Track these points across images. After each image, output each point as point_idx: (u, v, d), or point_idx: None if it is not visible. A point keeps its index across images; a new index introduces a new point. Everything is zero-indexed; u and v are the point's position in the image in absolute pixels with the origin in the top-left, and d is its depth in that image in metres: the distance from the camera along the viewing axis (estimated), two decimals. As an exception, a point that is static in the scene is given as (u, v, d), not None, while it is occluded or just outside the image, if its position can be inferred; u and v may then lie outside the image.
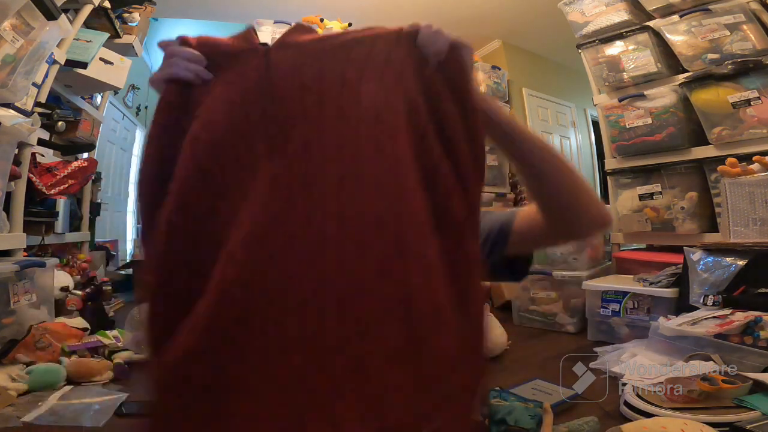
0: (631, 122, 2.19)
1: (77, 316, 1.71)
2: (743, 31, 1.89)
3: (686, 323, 1.31)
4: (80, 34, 2.10)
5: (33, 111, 1.79)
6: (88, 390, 1.24)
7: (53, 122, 2.08)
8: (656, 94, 2.10)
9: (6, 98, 1.52)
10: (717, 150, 1.92)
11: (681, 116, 2.04)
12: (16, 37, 1.44)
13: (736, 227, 1.55)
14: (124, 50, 2.51)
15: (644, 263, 2.04)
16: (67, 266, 2.20)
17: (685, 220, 2.00)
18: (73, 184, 2.10)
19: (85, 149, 2.55)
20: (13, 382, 1.18)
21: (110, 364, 1.38)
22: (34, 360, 1.30)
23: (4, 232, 1.66)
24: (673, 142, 2.06)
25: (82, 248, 2.66)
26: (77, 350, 1.42)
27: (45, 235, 2.10)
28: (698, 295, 1.47)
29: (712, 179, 1.92)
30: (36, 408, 1.09)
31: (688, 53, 2.03)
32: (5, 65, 1.44)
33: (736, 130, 1.86)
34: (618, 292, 1.78)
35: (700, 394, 1.00)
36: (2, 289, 1.40)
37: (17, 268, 1.43)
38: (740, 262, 1.43)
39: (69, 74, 2.12)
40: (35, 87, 1.79)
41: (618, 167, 2.28)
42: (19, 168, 1.76)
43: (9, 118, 1.51)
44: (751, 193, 1.53)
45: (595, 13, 2.37)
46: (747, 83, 1.82)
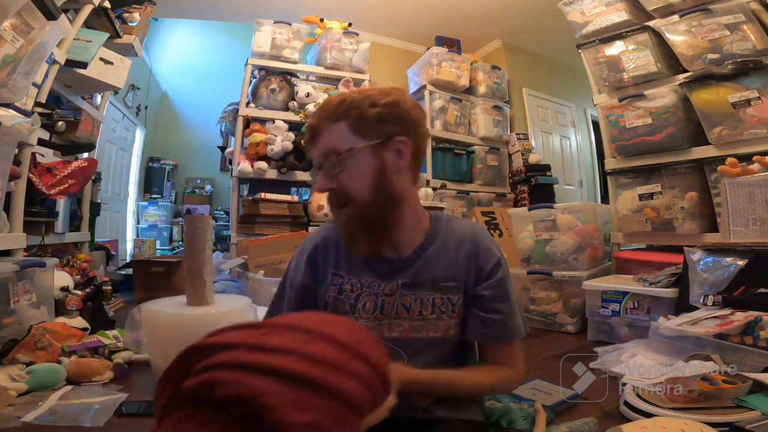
0: (631, 122, 2.19)
1: (77, 316, 1.71)
2: (743, 31, 1.89)
3: (686, 323, 1.31)
4: (80, 34, 2.10)
5: (33, 111, 1.79)
6: (88, 390, 1.24)
7: (53, 122, 2.08)
8: (656, 94, 2.10)
9: (6, 98, 1.52)
10: (717, 150, 1.92)
11: (681, 116, 2.04)
12: (16, 37, 1.44)
13: (736, 227, 1.55)
14: (124, 50, 2.51)
15: (644, 263, 2.04)
16: (67, 266, 2.20)
17: (685, 220, 2.00)
18: (73, 184, 2.10)
19: (85, 149, 2.55)
20: (13, 382, 1.18)
21: (110, 364, 1.38)
22: (34, 360, 1.30)
23: (4, 232, 1.66)
24: (673, 142, 2.06)
25: (82, 248, 2.66)
26: (77, 350, 1.42)
27: (45, 235, 2.10)
28: (698, 295, 1.47)
29: (712, 179, 1.92)
30: (36, 408, 1.09)
31: (688, 53, 2.03)
32: (5, 65, 1.44)
33: (736, 130, 1.86)
34: (618, 292, 1.78)
35: (700, 394, 1.00)
36: (2, 289, 1.40)
37: (17, 268, 1.43)
38: (740, 262, 1.43)
39: (69, 74, 2.12)
40: (35, 87, 1.79)
41: (618, 167, 2.28)
42: (19, 168, 1.76)
43: (9, 118, 1.51)
44: (751, 193, 1.53)
45: (595, 13, 2.37)
46: (747, 83, 1.82)
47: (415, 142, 0.73)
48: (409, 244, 0.75)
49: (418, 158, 0.76)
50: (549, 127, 4.24)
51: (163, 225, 5.40)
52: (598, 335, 1.86)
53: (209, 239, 1.40)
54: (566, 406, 1.13)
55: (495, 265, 0.76)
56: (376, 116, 0.70)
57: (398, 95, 0.73)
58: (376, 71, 3.73)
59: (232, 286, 2.62)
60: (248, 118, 3.00)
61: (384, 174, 0.70)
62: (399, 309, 0.74)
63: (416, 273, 0.74)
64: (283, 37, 3.17)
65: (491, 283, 0.75)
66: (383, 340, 0.73)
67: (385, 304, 0.74)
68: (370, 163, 0.70)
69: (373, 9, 3.61)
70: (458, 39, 3.95)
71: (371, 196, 0.70)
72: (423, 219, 0.78)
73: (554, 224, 2.16)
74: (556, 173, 3.85)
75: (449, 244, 0.76)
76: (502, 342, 0.76)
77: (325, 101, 0.75)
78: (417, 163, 0.76)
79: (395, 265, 0.75)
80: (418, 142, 0.74)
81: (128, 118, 4.75)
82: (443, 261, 0.75)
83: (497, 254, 0.77)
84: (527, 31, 3.90)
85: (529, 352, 1.72)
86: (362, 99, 0.71)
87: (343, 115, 0.71)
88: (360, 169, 0.70)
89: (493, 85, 3.75)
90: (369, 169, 0.70)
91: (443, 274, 0.75)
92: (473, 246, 0.76)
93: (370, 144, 0.70)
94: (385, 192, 0.71)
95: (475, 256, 0.76)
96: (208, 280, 1.37)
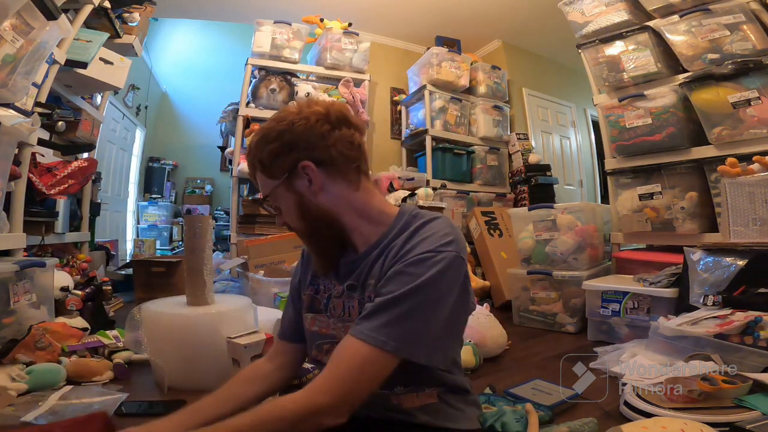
0: (631, 122, 2.19)
1: (77, 316, 1.71)
2: (743, 31, 1.89)
3: (686, 323, 1.31)
4: (80, 34, 2.10)
5: (33, 111, 1.79)
6: (88, 390, 1.23)
7: (53, 122, 2.08)
8: (656, 94, 2.10)
9: (6, 98, 1.52)
10: (717, 150, 1.92)
11: (681, 116, 2.04)
12: (16, 37, 1.44)
13: (736, 227, 1.55)
14: (124, 50, 2.51)
15: (644, 263, 2.04)
16: (67, 266, 2.20)
17: (685, 220, 2.00)
18: (73, 184, 2.10)
19: (85, 149, 2.56)
20: (13, 382, 1.18)
21: (110, 364, 1.38)
22: (34, 360, 1.30)
23: (4, 232, 1.66)
24: (673, 142, 2.06)
25: (82, 248, 2.66)
26: (77, 350, 1.42)
27: (45, 235, 2.10)
28: (698, 295, 1.47)
29: (712, 179, 1.92)
30: (36, 408, 1.09)
31: (688, 53, 2.03)
32: (5, 65, 1.44)
33: (736, 130, 1.86)
34: (618, 292, 1.78)
35: (700, 394, 1.00)
36: (2, 289, 1.40)
37: (17, 268, 1.43)
38: (740, 262, 1.43)
39: (69, 74, 2.13)
40: (35, 87, 1.79)
41: (618, 167, 2.28)
42: (19, 168, 1.76)
43: (9, 118, 1.51)
44: (751, 193, 1.53)
45: (595, 13, 2.37)
46: (747, 83, 1.82)
47: (321, 157, 0.69)
48: (366, 242, 0.73)
49: (338, 165, 0.70)
50: (549, 127, 4.24)
51: (163, 225, 5.40)
52: (598, 335, 1.86)
53: (209, 239, 1.40)
54: (566, 406, 1.13)
55: (412, 256, 0.63)
56: (271, 155, 0.70)
57: (292, 117, 0.69)
58: (376, 71, 3.73)
59: (232, 286, 2.62)
60: (248, 118, 3.00)
61: (304, 202, 0.71)
62: (351, 311, 0.72)
63: (359, 274, 0.72)
64: (283, 37, 3.17)
65: (393, 271, 0.64)
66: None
67: (337, 307, 0.74)
68: (289, 198, 0.72)
69: (373, 9, 3.61)
70: (458, 39, 3.95)
71: (303, 225, 0.74)
72: (384, 214, 0.73)
73: (554, 224, 2.16)
74: (556, 173, 3.85)
75: (397, 241, 0.68)
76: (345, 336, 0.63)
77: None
78: (342, 169, 0.71)
79: (350, 266, 0.74)
80: (327, 154, 0.69)
81: (128, 118, 4.75)
82: (380, 260, 0.69)
83: (428, 248, 0.63)
84: (527, 31, 3.89)
85: (529, 352, 1.72)
86: (259, 140, 0.72)
87: (252, 164, 0.75)
88: (286, 206, 0.74)
89: (493, 85, 3.75)
90: (291, 204, 0.73)
91: (374, 272, 0.69)
92: (407, 238, 0.67)
93: (278, 184, 0.72)
94: (313, 217, 0.72)
95: (400, 247, 0.66)
96: (208, 280, 1.37)
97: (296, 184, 0.71)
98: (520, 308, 2.21)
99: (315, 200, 0.71)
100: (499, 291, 2.56)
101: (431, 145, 3.35)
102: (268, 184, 0.73)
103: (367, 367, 0.59)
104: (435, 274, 0.61)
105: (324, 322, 0.76)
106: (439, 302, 0.63)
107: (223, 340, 1.27)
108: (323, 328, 0.76)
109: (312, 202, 0.71)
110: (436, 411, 0.70)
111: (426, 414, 0.69)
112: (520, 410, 0.97)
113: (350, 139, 0.71)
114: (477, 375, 1.42)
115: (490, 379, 1.39)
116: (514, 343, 1.77)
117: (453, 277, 0.63)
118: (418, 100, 3.60)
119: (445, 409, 0.71)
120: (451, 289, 0.64)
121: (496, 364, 1.56)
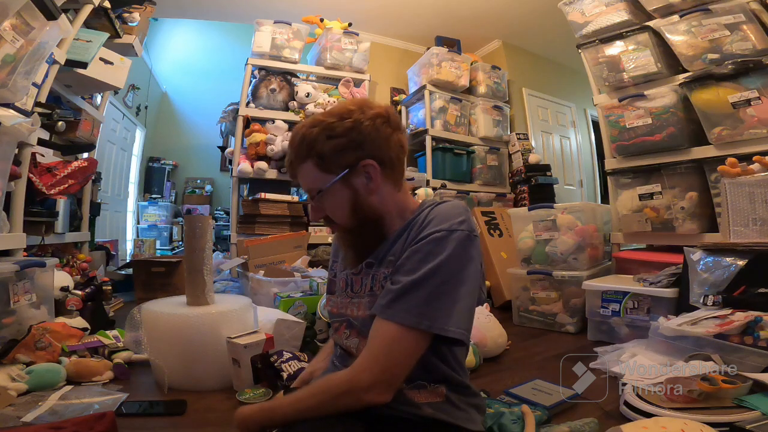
0: (631, 122, 2.19)
1: (77, 316, 1.71)
2: (743, 31, 1.89)
3: (686, 323, 1.31)
4: (80, 34, 2.10)
5: (33, 111, 1.79)
6: (88, 390, 1.23)
7: (53, 122, 2.08)
8: (656, 94, 2.10)
9: (6, 98, 1.52)
10: (717, 150, 1.92)
11: (681, 116, 2.04)
12: (16, 37, 1.44)
13: (736, 227, 1.55)
14: (124, 50, 2.51)
15: (644, 263, 2.04)
16: (67, 266, 2.20)
17: (685, 220, 2.00)
18: (73, 184, 2.10)
19: (85, 149, 2.56)
20: (13, 382, 1.18)
21: (110, 364, 1.38)
22: (34, 360, 1.30)
23: (4, 232, 1.66)
24: (673, 142, 2.06)
25: (82, 248, 2.66)
26: (77, 350, 1.42)
27: (45, 235, 2.10)
28: (698, 295, 1.47)
29: (712, 179, 1.92)
30: (36, 408, 1.09)
31: (688, 53, 2.03)
32: (5, 65, 1.44)
33: (736, 130, 1.86)
34: (618, 292, 1.78)
35: (700, 394, 1.00)
36: (2, 289, 1.40)
37: (17, 268, 1.43)
38: (740, 262, 1.43)
39: (69, 74, 2.13)
40: (35, 87, 1.79)
41: (618, 167, 2.28)
42: (19, 168, 1.76)
43: (9, 118, 1.51)
44: (751, 193, 1.53)
45: (595, 13, 2.37)
46: (747, 83, 1.82)
47: (383, 157, 0.73)
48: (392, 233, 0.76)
49: (394, 167, 0.75)
50: (549, 127, 4.24)
51: (163, 225, 5.40)
52: (598, 335, 1.86)
53: (209, 239, 1.40)
54: (566, 406, 1.13)
55: (425, 235, 0.68)
56: (334, 150, 0.71)
57: (356, 115, 0.72)
58: (376, 71, 3.73)
59: (232, 286, 2.62)
60: (248, 118, 3.00)
61: (358, 199, 0.74)
62: (365, 287, 0.76)
63: (378, 252, 0.76)
64: (283, 37, 3.17)
65: (410, 250, 0.68)
66: (351, 320, 0.77)
67: (354, 282, 0.78)
68: (343, 194, 0.73)
69: (373, 9, 3.61)
70: (458, 39, 3.95)
71: (351, 221, 0.75)
72: (409, 210, 0.77)
73: (554, 224, 2.16)
74: (556, 173, 3.85)
75: (416, 219, 0.73)
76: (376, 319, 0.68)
77: (291, 136, 0.77)
78: (395, 171, 0.75)
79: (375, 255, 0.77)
80: (387, 155, 0.73)
81: (128, 118, 4.75)
82: (402, 238, 0.73)
83: (441, 227, 0.68)
84: (527, 31, 3.90)
85: (529, 352, 1.72)
86: (319, 132, 0.72)
87: (306, 155, 0.74)
88: (336, 201, 0.74)
89: (493, 85, 3.75)
90: (344, 200, 0.74)
91: (395, 249, 0.72)
92: (424, 218, 0.71)
93: (337, 179, 0.72)
94: (364, 215, 0.75)
95: (419, 226, 0.70)
96: (208, 280, 1.37)
97: (354, 181, 0.73)
98: (520, 308, 2.21)
99: (368, 199, 0.74)
100: (499, 291, 2.56)
101: (431, 145, 3.35)
102: (319, 179, 0.74)
103: (400, 346, 0.64)
104: (454, 250, 0.66)
105: (337, 303, 0.82)
106: (461, 276, 0.67)
107: (223, 340, 1.27)
108: (334, 307, 0.82)
109: (366, 200, 0.74)
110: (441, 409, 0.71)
111: (431, 409, 0.70)
112: (517, 411, 0.97)
113: (403, 143, 0.76)
114: (477, 375, 1.42)
115: (490, 379, 1.39)
116: (514, 343, 1.77)
117: (471, 251, 0.69)
118: (418, 100, 3.60)
119: (450, 408, 0.72)
120: (471, 260, 0.68)
121: (496, 364, 1.56)
